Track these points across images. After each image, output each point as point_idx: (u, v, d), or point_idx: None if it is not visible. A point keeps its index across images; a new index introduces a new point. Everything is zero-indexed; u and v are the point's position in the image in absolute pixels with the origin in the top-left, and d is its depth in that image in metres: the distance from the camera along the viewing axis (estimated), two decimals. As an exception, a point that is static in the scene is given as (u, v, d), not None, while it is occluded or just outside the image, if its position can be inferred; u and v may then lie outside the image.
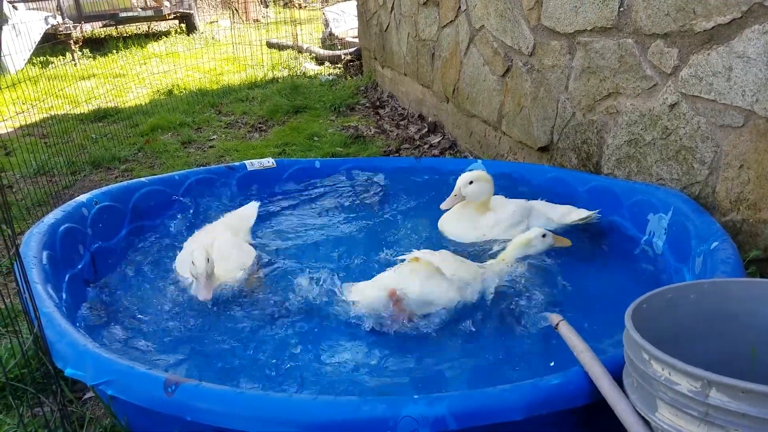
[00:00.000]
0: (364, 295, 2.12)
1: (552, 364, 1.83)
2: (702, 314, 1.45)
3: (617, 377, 1.40)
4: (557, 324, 1.74)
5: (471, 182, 2.65)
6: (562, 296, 2.20)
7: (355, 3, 7.84)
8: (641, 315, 1.36)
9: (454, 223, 2.74)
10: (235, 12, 14.14)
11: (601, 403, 1.38)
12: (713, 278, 1.64)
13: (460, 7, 4.15)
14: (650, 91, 2.49)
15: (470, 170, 3.26)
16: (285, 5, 15.31)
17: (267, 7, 15.80)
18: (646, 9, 2.42)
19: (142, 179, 3.00)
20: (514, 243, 2.37)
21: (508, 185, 2.99)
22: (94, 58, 9.74)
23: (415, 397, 1.39)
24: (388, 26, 6.06)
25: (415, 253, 2.14)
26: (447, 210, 2.73)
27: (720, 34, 2.12)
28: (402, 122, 5.37)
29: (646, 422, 1.25)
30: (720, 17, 2.10)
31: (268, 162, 3.37)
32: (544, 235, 2.35)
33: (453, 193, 2.69)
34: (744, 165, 2.12)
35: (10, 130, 5.51)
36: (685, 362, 1.14)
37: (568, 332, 1.65)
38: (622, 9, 2.56)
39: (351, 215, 3.05)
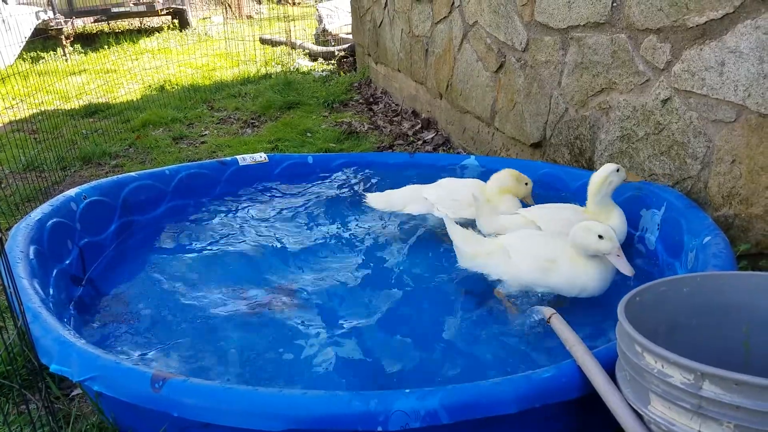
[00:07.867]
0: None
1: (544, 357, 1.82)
2: (695, 307, 1.44)
3: (610, 371, 1.39)
4: (549, 317, 1.73)
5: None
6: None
7: (349, -1, 7.81)
8: (634, 308, 1.35)
9: None
10: (228, 8, 14.06)
11: (594, 397, 1.37)
12: (706, 272, 1.64)
13: (453, 3, 4.13)
14: (643, 87, 2.48)
15: (464, 164, 3.24)
16: (278, 1, 15.27)
17: (260, 3, 15.73)
18: (639, 4, 2.41)
19: (132, 174, 2.97)
20: (592, 185, 2.35)
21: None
22: (86, 53, 9.66)
23: (407, 391, 1.37)
24: (381, 22, 6.03)
25: None
26: None
27: (712, 29, 2.12)
28: (395, 118, 5.35)
29: (639, 415, 1.24)
30: (713, 12, 2.10)
31: (261, 157, 3.34)
32: (618, 170, 2.32)
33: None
34: (736, 160, 2.12)
35: (-1, 125, 5.46)
36: (678, 355, 1.13)
37: (560, 325, 1.65)
38: (615, 4, 2.56)
39: (344, 211, 3.02)
